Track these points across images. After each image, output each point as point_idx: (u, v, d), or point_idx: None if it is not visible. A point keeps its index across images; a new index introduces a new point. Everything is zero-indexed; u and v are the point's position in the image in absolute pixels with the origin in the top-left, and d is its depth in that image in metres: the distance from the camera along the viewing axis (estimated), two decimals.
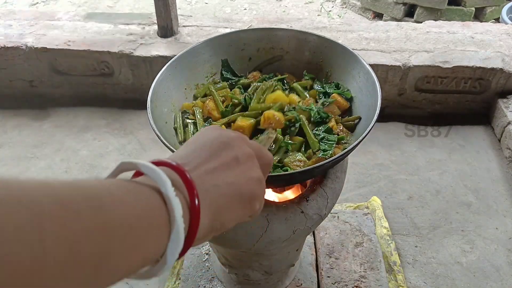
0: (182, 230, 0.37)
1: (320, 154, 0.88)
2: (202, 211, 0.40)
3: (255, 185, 0.47)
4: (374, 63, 1.98)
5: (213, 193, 0.42)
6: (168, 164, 0.41)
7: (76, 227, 0.29)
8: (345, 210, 1.62)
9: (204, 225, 0.40)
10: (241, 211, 0.46)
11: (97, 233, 0.30)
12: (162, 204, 0.37)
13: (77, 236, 0.29)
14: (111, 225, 0.32)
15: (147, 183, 0.38)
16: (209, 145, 0.46)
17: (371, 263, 1.43)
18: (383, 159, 1.93)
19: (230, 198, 0.44)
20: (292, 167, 0.86)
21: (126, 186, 0.36)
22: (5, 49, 2.11)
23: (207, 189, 0.42)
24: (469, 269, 1.50)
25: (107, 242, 0.31)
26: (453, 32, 2.22)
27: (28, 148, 2.02)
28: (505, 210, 1.70)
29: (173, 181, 0.38)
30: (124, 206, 0.34)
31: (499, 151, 1.96)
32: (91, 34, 2.19)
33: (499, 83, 2.02)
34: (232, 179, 0.44)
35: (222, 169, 0.44)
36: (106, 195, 0.33)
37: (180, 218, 0.37)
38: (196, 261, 1.42)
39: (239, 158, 0.46)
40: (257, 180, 0.47)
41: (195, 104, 1.00)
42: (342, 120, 0.98)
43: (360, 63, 0.97)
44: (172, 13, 2.12)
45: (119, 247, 0.32)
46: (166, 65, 0.98)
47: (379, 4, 3.80)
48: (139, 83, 2.17)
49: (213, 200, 0.42)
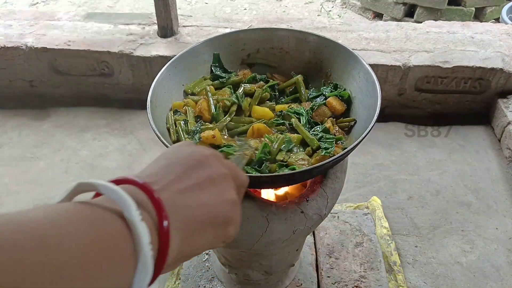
0: (150, 260, 0.33)
1: (323, 153, 0.88)
2: (172, 235, 0.36)
3: (229, 208, 0.43)
4: (374, 63, 1.98)
5: (184, 215, 0.39)
6: (134, 182, 0.37)
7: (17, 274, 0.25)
8: (345, 210, 1.62)
9: (173, 250, 0.36)
10: (214, 235, 0.42)
11: (42, 278, 0.26)
12: (126, 231, 0.33)
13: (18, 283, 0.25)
14: (59, 267, 0.27)
15: (108, 206, 0.34)
16: (182, 162, 0.43)
17: (371, 263, 1.43)
18: (383, 159, 1.93)
19: (203, 221, 0.40)
20: (297, 166, 0.86)
21: (81, 212, 0.32)
22: (5, 49, 2.11)
23: (177, 211, 0.38)
24: (469, 269, 1.50)
25: (69, 281, 0.28)
26: (453, 32, 2.22)
27: (28, 148, 2.02)
28: (505, 210, 1.70)
29: (139, 202, 0.35)
30: (77, 241, 0.29)
31: (499, 151, 1.96)
32: (91, 34, 2.19)
33: (499, 83, 2.02)
34: (206, 200, 0.41)
35: (195, 189, 0.41)
36: (52, 230, 0.29)
37: (147, 246, 0.33)
38: (196, 261, 1.42)
39: (213, 178, 0.43)
40: (232, 202, 0.44)
41: (186, 103, 1.00)
42: (337, 121, 0.98)
43: (360, 63, 0.97)
44: (172, 13, 2.12)
45: (84, 280, 0.29)
46: (166, 65, 0.98)
47: (379, 4, 3.79)
48: (139, 83, 2.17)
49: (184, 222, 0.38)
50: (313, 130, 0.95)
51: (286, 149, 0.90)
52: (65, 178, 1.86)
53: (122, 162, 1.93)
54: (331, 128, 0.95)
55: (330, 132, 0.94)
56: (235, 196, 0.45)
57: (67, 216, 0.31)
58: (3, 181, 1.86)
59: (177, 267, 0.39)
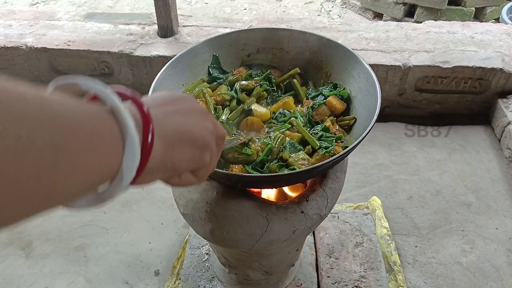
0: (136, 141, 0.36)
1: (323, 152, 0.88)
2: (156, 139, 0.39)
3: (208, 135, 0.48)
4: (374, 63, 1.98)
5: (167, 129, 0.43)
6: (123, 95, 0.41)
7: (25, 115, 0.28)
8: (345, 210, 1.62)
9: (156, 152, 0.40)
10: (192, 155, 0.46)
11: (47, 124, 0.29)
12: (113, 119, 0.36)
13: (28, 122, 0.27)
14: (61, 120, 0.30)
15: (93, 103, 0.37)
16: (169, 96, 0.48)
17: (371, 263, 1.43)
18: (383, 159, 1.93)
19: (183, 138, 0.45)
20: (297, 166, 0.86)
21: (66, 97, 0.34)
22: (5, 49, 2.11)
23: (161, 124, 0.42)
24: (469, 269, 1.50)
25: (60, 135, 0.30)
26: (453, 32, 2.22)
27: None
28: (505, 210, 1.70)
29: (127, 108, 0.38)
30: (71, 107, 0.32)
31: (499, 151, 1.96)
32: (91, 34, 2.19)
33: (499, 83, 2.02)
34: (186, 122, 0.46)
35: (178, 114, 0.46)
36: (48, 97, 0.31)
37: (133, 129, 0.36)
38: (196, 261, 1.42)
39: (195, 109, 0.49)
40: (211, 132, 0.49)
41: None
42: (337, 120, 0.99)
43: (360, 63, 0.97)
44: (172, 13, 2.12)
45: (75, 142, 0.31)
46: (166, 65, 0.98)
47: (379, 4, 3.79)
48: (139, 83, 2.17)
49: (166, 133, 0.42)
50: (313, 129, 0.95)
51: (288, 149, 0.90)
52: None
53: None
54: (331, 127, 0.95)
55: (330, 130, 0.95)
56: (213, 127, 0.50)
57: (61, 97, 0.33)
58: None
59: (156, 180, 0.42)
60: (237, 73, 1.09)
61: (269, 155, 0.90)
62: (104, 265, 1.53)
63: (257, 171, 0.87)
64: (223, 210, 0.91)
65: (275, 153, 0.90)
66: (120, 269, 1.52)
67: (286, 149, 0.90)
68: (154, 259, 1.55)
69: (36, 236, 1.63)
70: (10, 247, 1.60)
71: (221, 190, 0.92)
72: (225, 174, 0.83)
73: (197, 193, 0.95)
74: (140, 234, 1.63)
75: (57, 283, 1.48)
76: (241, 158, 0.89)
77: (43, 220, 1.68)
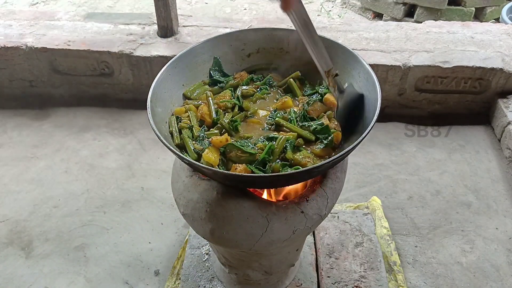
0: None
1: (324, 145, 0.91)
2: None
3: None
4: (374, 63, 1.98)
5: None
6: None
7: None
8: (345, 210, 1.62)
9: None
10: None
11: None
12: None
13: None
14: None
15: None
16: None
17: (371, 263, 1.43)
18: (383, 159, 1.93)
19: None
20: (303, 164, 0.87)
21: None
22: (5, 49, 2.11)
23: None
24: (469, 269, 1.50)
25: None
26: (453, 32, 2.22)
27: (28, 148, 2.02)
28: (505, 210, 1.70)
29: None
30: None
31: (499, 151, 1.96)
32: (91, 34, 2.19)
33: (499, 83, 2.02)
34: None
35: None
36: None
37: None
38: (196, 261, 1.42)
39: None
40: None
41: (188, 108, 1.01)
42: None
43: (360, 63, 0.97)
44: (172, 13, 2.12)
45: None
46: (166, 65, 0.98)
47: (379, 4, 3.79)
48: (139, 83, 2.17)
49: None
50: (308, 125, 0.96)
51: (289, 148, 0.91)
52: (65, 178, 1.86)
53: (122, 162, 1.93)
54: (327, 122, 0.96)
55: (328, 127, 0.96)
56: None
57: None
58: (3, 181, 1.86)
59: None
60: (239, 76, 1.09)
61: (270, 155, 0.89)
62: (104, 265, 1.53)
63: (261, 171, 0.87)
64: (223, 210, 0.91)
65: (277, 154, 0.90)
66: (120, 269, 1.52)
67: (288, 149, 0.90)
68: (154, 259, 1.55)
69: (36, 236, 1.63)
70: (10, 247, 1.60)
71: (221, 190, 0.92)
72: (225, 174, 0.84)
73: (197, 193, 0.95)
74: (140, 234, 1.63)
75: (57, 283, 1.48)
76: (244, 157, 0.89)
77: (43, 220, 1.68)
